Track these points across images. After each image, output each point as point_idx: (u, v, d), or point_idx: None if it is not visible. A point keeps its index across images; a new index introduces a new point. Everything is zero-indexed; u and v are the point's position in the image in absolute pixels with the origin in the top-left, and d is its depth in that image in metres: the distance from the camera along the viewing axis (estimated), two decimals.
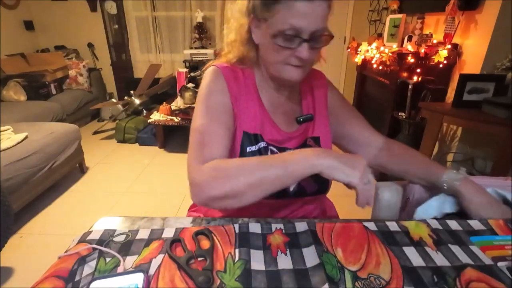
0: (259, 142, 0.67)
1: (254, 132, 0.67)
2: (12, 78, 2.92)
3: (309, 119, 0.73)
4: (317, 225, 0.54)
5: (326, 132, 0.75)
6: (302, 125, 0.73)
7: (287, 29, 0.57)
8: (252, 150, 0.66)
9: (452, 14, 1.74)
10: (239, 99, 0.67)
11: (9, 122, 2.14)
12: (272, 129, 0.69)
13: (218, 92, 0.66)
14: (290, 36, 0.58)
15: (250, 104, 0.68)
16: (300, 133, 0.72)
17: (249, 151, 0.66)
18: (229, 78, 0.67)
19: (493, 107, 1.43)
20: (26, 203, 1.77)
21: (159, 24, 3.63)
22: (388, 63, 2.04)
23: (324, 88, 0.77)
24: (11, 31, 3.33)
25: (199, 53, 3.47)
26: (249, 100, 0.68)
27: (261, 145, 0.67)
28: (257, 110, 0.68)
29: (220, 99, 0.65)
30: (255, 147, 0.67)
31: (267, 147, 0.68)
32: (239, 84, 0.68)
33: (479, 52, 1.66)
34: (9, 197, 1.47)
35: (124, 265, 0.45)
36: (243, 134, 0.66)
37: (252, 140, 0.67)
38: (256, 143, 0.67)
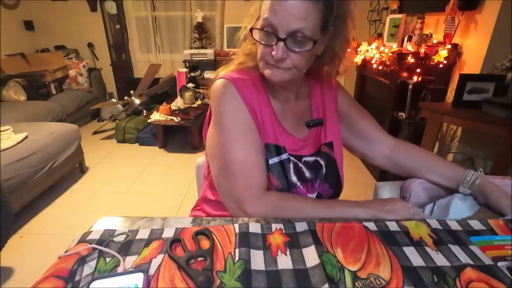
0: (281, 153, 0.67)
1: (275, 143, 0.66)
2: (12, 78, 2.92)
3: (319, 123, 0.73)
4: (317, 225, 0.54)
5: (337, 136, 0.75)
6: (313, 129, 0.72)
7: (265, 25, 0.57)
8: (274, 162, 0.66)
9: (452, 14, 1.74)
10: (256, 110, 0.65)
11: (9, 122, 2.14)
12: (288, 139, 0.69)
13: (236, 108, 0.64)
14: (267, 32, 0.57)
15: (265, 113, 0.66)
16: (313, 139, 0.72)
17: (272, 163, 0.66)
18: (241, 89, 0.64)
19: (493, 107, 1.42)
20: (26, 203, 1.77)
21: (159, 24, 3.63)
22: (388, 63, 2.03)
23: (334, 90, 0.77)
24: (11, 31, 3.33)
25: (199, 53, 3.47)
26: (263, 107, 0.66)
27: (283, 157, 0.67)
28: (272, 119, 0.67)
29: (239, 116, 0.64)
30: (276, 158, 0.66)
31: (289, 158, 0.67)
32: (252, 93, 0.66)
33: (479, 52, 1.66)
34: (9, 197, 1.47)
35: (124, 265, 0.45)
36: (264, 145, 0.66)
37: (274, 151, 0.66)
38: (278, 155, 0.66)
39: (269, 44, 0.58)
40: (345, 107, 0.78)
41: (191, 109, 2.89)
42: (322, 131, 0.73)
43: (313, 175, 0.70)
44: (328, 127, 0.73)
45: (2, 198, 1.35)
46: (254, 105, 0.65)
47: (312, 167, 0.70)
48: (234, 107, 0.64)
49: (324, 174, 0.71)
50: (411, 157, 0.76)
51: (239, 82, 0.65)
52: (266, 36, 0.58)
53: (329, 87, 0.76)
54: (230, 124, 0.63)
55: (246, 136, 0.63)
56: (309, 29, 0.56)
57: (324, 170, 0.71)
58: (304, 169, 0.69)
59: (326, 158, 0.72)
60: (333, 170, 0.72)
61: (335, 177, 0.73)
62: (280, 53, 0.57)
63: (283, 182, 0.66)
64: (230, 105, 0.64)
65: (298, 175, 0.68)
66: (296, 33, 0.56)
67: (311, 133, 0.72)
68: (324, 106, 0.74)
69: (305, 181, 0.69)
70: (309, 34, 0.56)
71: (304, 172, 0.69)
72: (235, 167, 0.62)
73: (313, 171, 0.70)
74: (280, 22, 0.55)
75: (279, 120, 0.69)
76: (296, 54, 0.58)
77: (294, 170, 0.68)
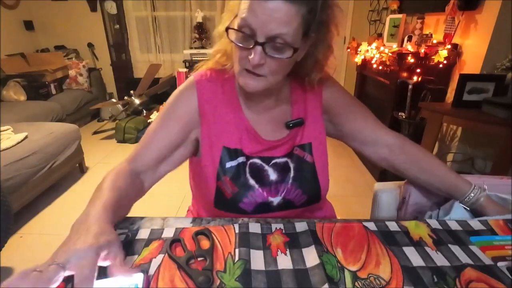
0: (238, 157, 0.64)
1: (234, 147, 0.65)
2: (12, 78, 2.92)
3: (299, 123, 0.68)
4: (317, 225, 0.54)
5: (319, 138, 0.70)
6: (292, 130, 0.68)
7: (243, 25, 0.52)
8: (231, 165, 0.64)
9: (452, 14, 1.74)
10: (215, 114, 0.64)
11: (9, 122, 2.14)
12: (254, 140, 0.66)
13: (183, 102, 0.65)
14: (245, 34, 0.52)
15: (230, 117, 0.65)
16: (288, 140, 0.68)
17: (228, 166, 0.64)
18: (203, 93, 0.64)
19: (493, 107, 1.43)
20: (26, 203, 1.77)
21: (159, 24, 3.63)
22: (388, 63, 2.03)
23: (318, 89, 0.70)
24: (11, 31, 3.33)
25: (199, 53, 3.47)
26: (229, 112, 0.65)
27: (240, 160, 0.64)
28: (238, 122, 0.65)
29: (180, 110, 0.65)
30: (234, 162, 0.64)
31: (246, 162, 0.65)
32: (217, 97, 0.65)
33: (479, 52, 1.66)
34: (9, 197, 1.47)
35: None
36: (222, 149, 0.64)
37: (232, 155, 0.64)
38: (235, 158, 0.64)
39: (246, 48, 0.53)
40: (332, 103, 0.71)
41: None
42: (300, 132, 0.68)
43: (280, 178, 0.66)
44: (308, 128, 0.69)
45: (2, 198, 1.35)
46: (213, 110, 0.65)
47: (280, 170, 0.67)
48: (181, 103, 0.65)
49: (293, 178, 0.66)
50: (412, 164, 0.70)
51: (204, 83, 0.65)
52: (243, 38, 0.53)
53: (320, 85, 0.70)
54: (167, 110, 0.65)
55: (169, 123, 0.64)
56: (291, 35, 0.51)
57: (292, 174, 0.66)
58: (271, 171, 0.66)
59: (296, 161, 0.67)
60: (307, 174, 0.67)
61: (310, 182, 0.67)
62: (258, 58, 0.52)
63: (239, 185, 0.64)
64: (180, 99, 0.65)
65: (257, 178, 0.65)
66: (276, 39, 0.51)
67: (289, 135, 0.68)
68: (306, 105, 0.69)
69: (266, 184, 0.65)
70: (290, 40, 0.51)
71: (267, 175, 0.66)
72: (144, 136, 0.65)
73: (280, 174, 0.66)
74: (259, 24, 0.50)
75: (250, 123, 0.66)
76: (275, 61, 0.54)
77: (252, 173, 0.65)
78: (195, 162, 0.70)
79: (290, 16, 0.50)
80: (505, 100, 1.40)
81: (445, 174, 0.66)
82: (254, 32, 0.51)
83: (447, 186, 0.66)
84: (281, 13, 0.49)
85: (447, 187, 0.66)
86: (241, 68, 0.56)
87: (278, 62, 0.54)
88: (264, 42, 0.51)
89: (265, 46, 0.52)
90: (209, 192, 0.65)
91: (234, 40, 0.54)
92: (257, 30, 0.50)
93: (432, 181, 0.68)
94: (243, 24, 0.52)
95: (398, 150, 0.71)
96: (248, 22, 0.51)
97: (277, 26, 0.50)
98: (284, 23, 0.50)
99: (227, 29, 0.55)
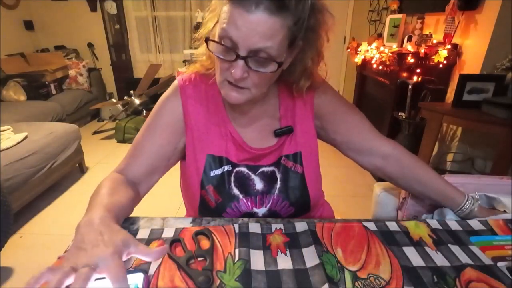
0: (223, 165, 0.63)
1: (219, 155, 0.63)
2: (12, 78, 2.92)
3: (288, 131, 0.65)
4: (317, 225, 0.54)
5: (310, 145, 0.67)
6: (281, 139, 0.65)
7: (223, 36, 0.48)
8: (215, 174, 0.62)
9: (452, 14, 1.74)
10: (199, 120, 0.63)
11: (9, 122, 2.14)
12: (239, 148, 0.63)
13: (168, 111, 0.63)
14: (226, 47, 0.49)
15: (215, 124, 0.63)
16: (276, 149, 0.65)
17: (213, 175, 0.62)
18: (187, 98, 0.63)
19: (493, 107, 1.43)
20: (26, 203, 1.77)
21: (159, 24, 3.63)
22: (388, 63, 2.04)
23: (310, 94, 0.66)
24: (11, 31, 3.33)
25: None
26: (214, 119, 0.63)
27: (225, 169, 0.63)
28: (223, 129, 0.63)
29: (166, 119, 0.63)
30: (218, 170, 0.62)
31: (232, 170, 0.63)
32: (202, 103, 0.63)
33: (479, 52, 1.66)
34: (9, 197, 1.47)
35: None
36: (206, 157, 0.62)
37: (217, 163, 0.63)
38: (220, 166, 0.63)
39: (228, 60, 0.50)
40: (324, 109, 0.68)
41: None
42: (287, 141, 0.65)
43: (266, 188, 0.64)
44: (297, 137, 0.65)
45: (2, 198, 1.35)
46: (198, 115, 0.63)
47: (267, 179, 0.64)
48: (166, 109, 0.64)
49: (279, 189, 0.64)
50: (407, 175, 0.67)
51: (189, 88, 0.63)
52: (225, 50, 0.50)
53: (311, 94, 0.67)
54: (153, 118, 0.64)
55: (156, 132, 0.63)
56: (275, 49, 0.48)
57: (279, 185, 0.64)
58: (257, 180, 0.64)
59: (284, 171, 0.64)
60: (295, 185, 0.64)
61: (298, 194, 0.64)
62: (240, 72, 0.49)
63: (223, 194, 0.62)
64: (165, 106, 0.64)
65: (241, 187, 0.63)
66: (259, 52, 0.48)
67: (278, 143, 0.65)
68: (295, 113, 0.66)
69: (251, 194, 0.64)
70: (274, 54, 0.48)
71: (253, 185, 0.64)
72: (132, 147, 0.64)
73: (267, 184, 0.64)
74: (241, 38, 0.46)
75: (236, 130, 0.64)
76: (258, 74, 0.51)
77: (237, 182, 0.63)
78: (183, 166, 0.69)
79: (274, 30, 0.46)
80: (505, 100, 1.40)
81: (441, 186, 0.64)
82: (236, 45, 0.48)
83: (442, 198, 0.64)
84: (265, 26, 0.46)
85: (442, 199, 0.64)
86: (223, 79, 0.54)
87: (262, 75, 0.52)
88: (246, 56, 0.48)
89: (247, 60, 0.48)
90: (194, 200, 0.65)
91: (215, 51, 0.51)
92: (238, 43, 0.47)
93: (428, 193, 0.66)
94: (224, 35, 0.48)
95: (394, 161, 0.68)
96: (229, 35, 0.47)
97: (260, 40, 0.46)
98: (267, 37, 0.46)
99: (207, 40, 0.51)
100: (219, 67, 0.53)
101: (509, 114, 1.34)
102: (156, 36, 3.69)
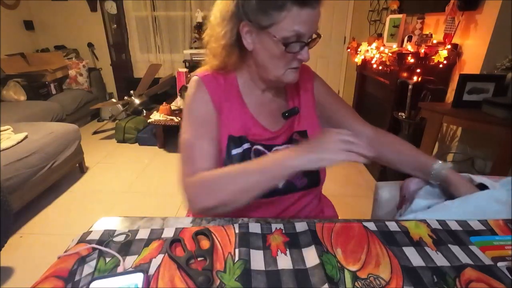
0: (243, 143, 0.68)
1: (239, 134, 0.68)
2: (12, 78, 2.92)
3: (295, 112, 0.73)
4: (317, 225, 0.54)
5: (313, 124, 0.76)
6: (289, 120, 0.74)
7: (292, 36, 0.59)
8: (237, 152, 0.67)
9: (452, 14, 1.74)
10: (223, 105, 0.68)
11: (9, 122, 2.14)
12: (257, 129, 0.70)
13: (201, 102, 0.67)
14: (294, 42, 0.59)
15: (234, 108, 0.69)
16: (286, 129, 0.73)
17: (234, 154, 0.67)
18: (210, 86, 0.68)
19: (493, 107, 1.42)
20: (26, 203, 1.77)
21: (159, 24, 3.63)
22: (388, 63, 2.03)
23: (310, 80, 0.78)
24: (11, 31, 3.33)
25: (199, 53, 3.47)
26: (233, 104, 0.69)
27: (245, 147, 0.68)
28: (241, 113, 0.69)
29: (203, 109, 0.67)
30: (240, 149, 0.67)
31: (251, 148, 0.68)
32: (221, 90, 0.69)
33: (479, 52, 1.66)
34: (9, 197, 1.47)
35: (124, 265, 0.45)
36: (228, 137, 0.67)
37: (237, 142, 0.67)
38: (241, 145, 0.67)
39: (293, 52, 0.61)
40: (321, 98, 0.79)
41: None
42: (296, 120, 0.74)
43: None
44: (303, 116, 0.75)
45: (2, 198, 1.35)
46: (223, 100, 0.68)
47: None
48: (199, 100, 0.68)
49: None
50: (386, 150, 0.78)
51: (209, 78, 0.69)
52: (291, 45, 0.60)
53: (305, 79, 0.77)
54: (192, 114, 0.67)
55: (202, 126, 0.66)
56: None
57: None
58: None
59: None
60: None
61: None
62: (308, 55, 0.62)
63: None
64: (196, 98, 0.68)
65: None
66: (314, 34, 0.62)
67: (286, 124, 0.73)
68: (300, 95, 0.76)
69: None
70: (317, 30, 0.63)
71: None
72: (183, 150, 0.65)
73: None
74: (308, 30, 0.59)
75: (253, 115, 0.71)
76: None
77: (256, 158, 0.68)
78: None
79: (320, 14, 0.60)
80: (505, 100, 1.40)
81: (415, 153, 0.75)
82: (302, 36, 0.59)
83: (417, 164, 0.74)
84: (319, 15, 0.59)
85: (417, 165, 0.74)
86: (286, 68, 0.64)
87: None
88: (309, 41, 0.61)
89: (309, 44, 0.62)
90: None
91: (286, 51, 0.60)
92: (306, 34, 0.60)
93: (404, 161, 0.76)
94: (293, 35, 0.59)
95: (375, 140, 0.78)
96: (300, 32, 0.59)
97: (316, 26, 0.61)
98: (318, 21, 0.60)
99: (286, 44, 0.60)
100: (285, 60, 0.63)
101: (509, 114, 1.34)
102: (156, 36, 3.69)
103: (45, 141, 1.93)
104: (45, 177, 1.91)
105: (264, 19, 0.59)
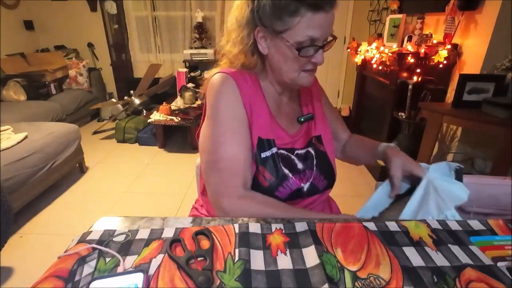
0: (272, 147, 0.68)
1: (267, 138, 0.68)
2: (12, 78, 2.92)
3: (310, 118, 0.76)
4: (317, 225, 0.54)
5: (326, 130, 0.79)
6: (304, 125, 0.76)
7: (306, 41, 0.60)
8: (266, 156, 0.67)
9: (452, 14, 1.74)
10: (252, 105, 0.68)
11: (9, 122, 2.14)
12: (281, 133, 0.71)
13: (233, 103, 0.66)
14: (308, 46, 0.60)
15: (261, 109, 0.69)
16: (304, 133, 0.75)
17: (264, 157, 0.67)
18: (241, 84, 0.67)
19: (493, 107, 1.42)
20: (26, 203, 1.77)
21: (159, 24, 3.63)
22: (388, 63, 2.03)
23: (318, 87, 0.83)
24: (11, 31, 3.33)
25: (199, 53, 3.47)
26: (259, 104, 0.69)
27: (274, 151, 0.68)
28: (266, 114, 0.70)
29: (236, 111, 0.66)
30: (268, 152, 0.68)
31: (277, 152, 0.69)
32: (250, 89, 0.68)
33: (479, 52, 1.66)
34: (9, 197, 1.47)
35: (124, 265, 0.45)
36: (258, 139, 0.67)
37: (266, 146, 0.68)
38: (269, 149, 0.68)
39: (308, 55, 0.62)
40: (325, 105, 0.83)
41: (191, 109, 2.89)
42: (312, 125, 0.77)
43: (305, 166, 0.72)
44: (317, 122, 0.77)
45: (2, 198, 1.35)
46: (251, 100, 0.67)
47: (303, 159, 0.73)
48: (231, 101, 0.66)
49: (316, 165, 0.73)
50: (353, 148, 0.86)
51: (238, 76, 0.67)
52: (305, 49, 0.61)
53: (314, 85, 0.80)
54: (225, 118, 0.65)
55: (239, 132, 0.65)
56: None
57: (315, 161, 0.73)
58: (297, 161, 0.72)
59: (315, 150, 0.75)
60: (324, 161, 0.75)
61: (327, 169, 0.75)
62: (322, 58, 0.63)
63: (275, 174, 0.67)
64: (227, 99, 0.65)
65: (289, 167, 0.70)
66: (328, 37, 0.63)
67: (302, 128, 0.76)
68: (313, 102, 0.79)
69: (297, 172, 0.70)
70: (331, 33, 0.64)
71: (296, 164, 0.71)
72: (224, 164, 0.64)
73: (305, 162, 0.73)
74: (322, 33, 0.60)
75: (274, 117, 0.71)
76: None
77: (284, 162, 0.69)
78: None
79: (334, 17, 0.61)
80: (505, 100, 1.40)
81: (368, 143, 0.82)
82: (317, 40, 0.60)
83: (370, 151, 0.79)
84: (333, 18, 0.60)
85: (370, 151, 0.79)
86: (300, 71, 0.65)
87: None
88: (324, 44, 0.62)
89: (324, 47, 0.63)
90: None
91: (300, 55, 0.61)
92: (321, 38, 0.60)
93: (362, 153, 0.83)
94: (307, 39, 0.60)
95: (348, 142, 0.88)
96: (315, 37, 0.59)
97: (330, 29, 0.62)
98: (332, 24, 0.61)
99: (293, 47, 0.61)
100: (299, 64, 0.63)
101: (509, 114, 1.34)
102: (156, 36, 3.69)
103: (45, 141, 1.93)
104: (45, 177, 1.91)
105: (278, 25, 0.59)
